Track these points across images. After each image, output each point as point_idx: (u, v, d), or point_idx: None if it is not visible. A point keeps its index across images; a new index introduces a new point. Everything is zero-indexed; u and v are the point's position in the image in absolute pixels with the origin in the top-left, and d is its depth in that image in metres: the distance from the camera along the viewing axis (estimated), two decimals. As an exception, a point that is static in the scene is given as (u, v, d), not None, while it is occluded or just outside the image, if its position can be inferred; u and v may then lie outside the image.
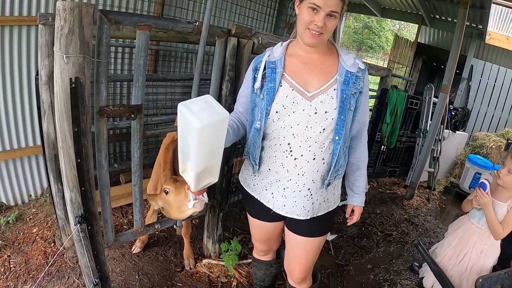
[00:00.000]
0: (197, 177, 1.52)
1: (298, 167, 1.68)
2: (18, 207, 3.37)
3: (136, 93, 1.82)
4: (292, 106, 1.63)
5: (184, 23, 1.93)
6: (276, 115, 1.66)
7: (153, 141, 4.17)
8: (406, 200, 5.04)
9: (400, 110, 4.97)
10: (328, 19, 1.53)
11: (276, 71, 1.67)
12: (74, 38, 1.47)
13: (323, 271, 3.10)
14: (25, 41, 3.06)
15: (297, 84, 1.65)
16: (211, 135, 1.39)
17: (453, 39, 4.53)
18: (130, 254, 2.89)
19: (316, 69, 1.68)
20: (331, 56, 1.72)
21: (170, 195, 1.96)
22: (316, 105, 1.62)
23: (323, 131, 1.63)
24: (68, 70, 1.50)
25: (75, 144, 1.60)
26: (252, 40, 2.30)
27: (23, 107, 3.23)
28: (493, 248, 2.51)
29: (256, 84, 1.70)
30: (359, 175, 1.93)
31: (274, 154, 1.71)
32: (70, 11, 1.44)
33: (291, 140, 1.66)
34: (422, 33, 8.22)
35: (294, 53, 1.72)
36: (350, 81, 1.63)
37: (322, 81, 1.65)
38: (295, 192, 1.72)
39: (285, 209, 1.76)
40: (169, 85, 4.27)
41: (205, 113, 1.35)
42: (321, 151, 1.66)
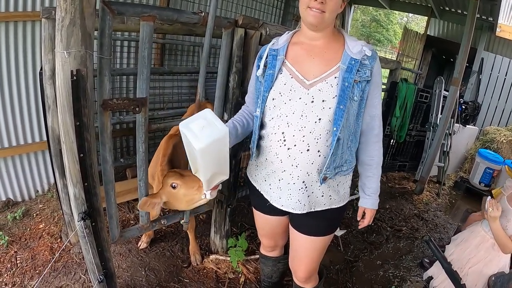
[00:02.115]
0: (208, 181, 1.64)
1: (292, 158, 1.62)
2: (25, 203, 3.38)
3: (140, 85, 1.78)
4: (289, 94, 1.60)
5: (189, 14, 1.89)
6: (272, 102, 1.63)
7: (159, 136, 4.09)
8: (415, 195, 4.98)
9: (410, 103, 4.92)
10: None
11: (277, 58, 1.65)
12: (76, 30, 1.43)
13: (332, 267, 3.06)
14: (30, 36, 3.06)
15: (296, 72, 1.61)
16: (214, 152, 1.47)
17: (464, 32, 4.46)
18: (137, 250, 2.88)
19: (318, 57, 1.62)
20: (337, 43, 1.64)
21: (180, 190, 1.92)
22: (314, 94, 1.57)
23: (318, 121, 1.56)
24: (69, 62, 1.46)
25: (78, 138, 1.56)
26: (260, 31, 2.26)
27: (29, 103, 3.23)
28: (494, 262, 2.42)
29: (258, 71, 1.70)
30: (371, 175, 1.80)
31: (270, 144, 1.67)
32: (71, 2, 1.39)
33: (285, 129, 1.61)
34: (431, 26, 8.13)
35: (298, 41, 1.68)
36: (354, 68, 1.55)
37: (323, 69, 1.59)
38: (290, 185, 1.66)
39: (280, 201, 1.72)
40: (175, 79, 4.24)
41: (204, 132, 1.42)
42: (317, 142, 1.58)
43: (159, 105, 4.16)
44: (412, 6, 7.68)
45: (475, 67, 6.94)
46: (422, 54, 8.22)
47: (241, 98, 2.29)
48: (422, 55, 8.23)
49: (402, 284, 3.04)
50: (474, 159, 5.60)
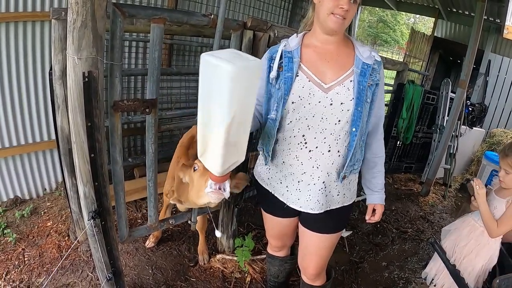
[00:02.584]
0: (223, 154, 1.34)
1: (313, 160, 1.66)
2: (33, 201, 3.41)
3: (151, 87, 1.80)
4: (308, 98, 1.61)
5: (199, 16, 1.91)
6: (292, 105, 1.64)
7: (167, 135, 4.17)
8: (421, 197, 4.97)
9: (417, 105, 4.91)
10: (351, 4, 1.52)
11: (293, 60, 1.65)
12: (87, 32, 1.44)
13: (338, 267, 3.07)
14: (39, 36, 3.08)
15: (313, 75, 1.63)
16: (243, 86, 1.21)
17: (471, 33, 4.45)
18: (144, 249, 2.89)
19: (332, 61, 1.66)
20: (347, 47, 1.70)
21: (196, 174, 1.78)
22: (332, 97, 1.60)
23: (338, 122, 1.62)
24: (81, 64, 1.47)
25: (89, 139, 1.58)
26: (268, 33, 2.27)
27: (37, 102, 3.26)
28: (485, 249, 2.40)
29: (272, 73, 1.67)
30: (377, 172, 1.88)
31: (289, 147, 1.70)
32: (83, 4, 1.40)
33: (305, 132, 1.65)
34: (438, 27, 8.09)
35: (310, 44, 1.70)
36: (367, 73, 1.62)
37: (338, 73, 1.64)
38: (310, 186, 1.70)
39: (299, 203, 1.75)
40: (183, 79, 4.26)
41: (237, 59, 1.19)
42: (336, 143, 1.65)
43: (167, 106, 4.18)
44: (419, 7, 7.66)
45: (482, 69, 6.91)
46: (429, 56, 8.20)
47: None
48: (429, 57, 8.20)
49: (407, 286, 3.05)
50: (480, 161, 5.57)
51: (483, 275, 2.43)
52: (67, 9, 1.46)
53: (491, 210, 2.33)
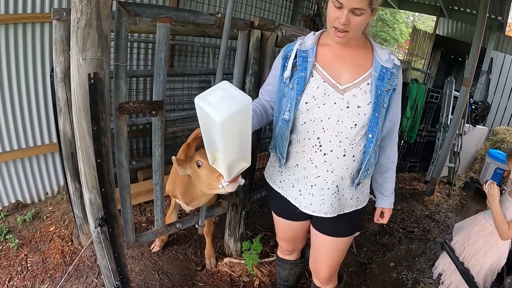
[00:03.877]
0: (229, 167, 1.49)
1: (328, 163, 1.61)
2: (35, 205, 3.36)
3: (157, 88, 1.75)
4: (323, 98, 1.56)
5: (206, 15, 1.86)
6: (305, 106, 1.58)
7: (170, 137, 4.13)
8: (426, 196, 4.97)
9: (421, 104, 4.89)
10: (352, 16, 1.44)
11: (308, 60, 1.60)
12: (92, 32, 1.39)
13: (346, 269, 3.04)
14: (39, 38, 3.04)
15: (328, 76, 1.58)
16: (236, 126, 1.32)
17: (475, 31, 4.45)
18: (150, 253, 2.86)
19: (349, 62, 1.60)
20: (365, 49, 1.64)
21: (203, 170, 1.83)
22: (349, 99, 1.55)
23: (354, 126, 1.56)
24: (86, 65, 1.42)
25: (95, 143, 1.53)
26: (276, 32, 2.23)
27: (38, 105, 3.22)
28: (493, 249, 2.40)
29: (286, 72, 1.63)
30: (389, 176, 1.85)
31: (303, 149, 1.65)
32: (87, 3, 1.35)
33: (320, 134, 1.59)
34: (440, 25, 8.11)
35: (326, 43, 1.65)
36: (385, 77, 1.56)
37: (355, 75, 1.58)
38: (323, 190, 1.66)
39: (312, 207, 1.71)
40: (186, 80, 4.23)
41: (224, 103, 1.26)
42: (352, 147, 1.59)
43: (170, 107, 4.14)
44: (421, 5, 7.68)
45: (484, 67, 6.92)
46: (431, 54, 8.19)
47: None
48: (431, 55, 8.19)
49: (416, 286, 3.04)
50: (484, 159, 5.58)
51: (491, 274, 2.44)
52: (69, 9, 1.42)
53: (503, 211, 2.32)
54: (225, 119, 1.24)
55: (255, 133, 1.90)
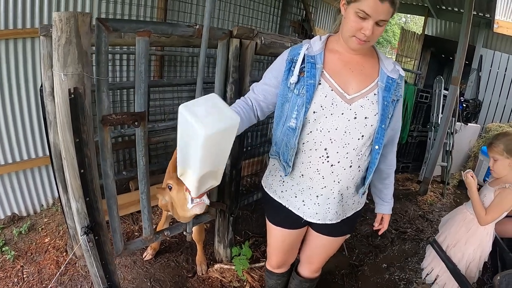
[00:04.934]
0: (198, 183, 1.45)
1: (335, 174, 1.60)
2: (30, 217, 3.40)
3: (138, 100, 1.80)
4: (330, 108, 1.53)
5: (184, 27, 1.91)
6: (313, 115, 1.55)
7: (162, 147, 4.17)
8: (420, 196, 4.98)
9: (410, 104, 4.95)
10: (376, 27, 1.43)
11: (316, 66, 1.55)
12: (72, 49, 1.45)
13: (337, 272, 3.07)
14: (30, 52, 3.09)
15: (336, 84, 1.55)
16: (217, 143, 1.28)
17: (461, 30, 4.48)
18: (142, 261, 2.88)
19: (356, 70, 1.58)
20: (372, 58, 1.63)
21: (173, 192, 1.90)
22: (356, 110, 1.54)
23: (361, 137, 1.56)
24: (67, 81, 1.48)
25: (78, 154, 1.58)
26: (255, 40, 2.27)
27: (31, 118, 3.27)
28: (475, 236, 2.46)
29: (292, 78, 1.57)
30: (389, 182, 1.88)
31: (309, 160, 1.62)
32: (66, 21, 1.41)
33: (328, 145, 1.57)
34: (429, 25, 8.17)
35: (334, 49, 1.62)
36: (392, 88, 1.56)
37: (362, 84, 1.57)
38: (329, 199, 1.66)
39: (317, 216, 1.71)
40: (175, 90, 4.26)
41: (211, 118, 1.21)
42: (358, 158, 1.59)
43: (160, 117, 4.18)
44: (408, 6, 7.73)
45: (474, 65, 6.96)
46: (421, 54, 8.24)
47: None
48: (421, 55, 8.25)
49: (408, 286, 3.05)
50: (477, 157, 5.60)
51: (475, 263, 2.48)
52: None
53: (481, 199, 2.40)
54: (210, 135, 1.19)
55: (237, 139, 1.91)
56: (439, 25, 8.05)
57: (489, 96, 7.00)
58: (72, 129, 1.54)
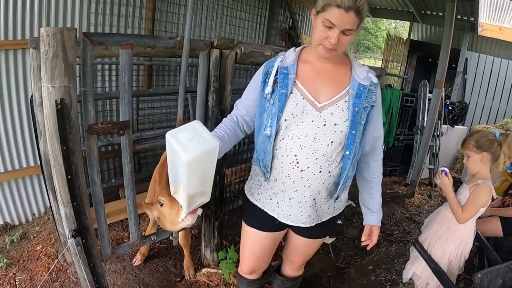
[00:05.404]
0: (189, 200, 1.56)
1: (305, 179, 1.65)
2: (22, 226, 3.45)
3: (123, 110, 1.88)
4: (301, 116, 1.60)
5: (165, 39, 1.99)
6: (285, 123, 1.61)
7: (150, 155, 4.21)
8: (407, 199, 5.03)
9: (396, 108, 5.02)
10: (342, 36, 1.49)
11: (289, 77, 1.62)
12: (59, 62, 1.53)
13: (323, 274, 3.11)
14: (21, 63, 3.15)
15: (307, 93, 1.61)
16: (201, 166, 1.40)
17: (444, 34, 4.59)
18: (131, 267, 2.92)
19: (328, 79, 1.64)
20: (344, 66, 1.68)
21: (165, 208, 1.95)
22: (326, 117, 1.59)
23: (331, 143, 1.60)
24: (54, 92, 1.56)
25: (65, 162, 1.66)
26: (235, 50, 2.34)
27: (22, 128, 3.32)
28: (455, 235, 2.51)
29: (267, 89, 1.64)
30: (375, 192, 1.88)
31: (281, 165, 1.67)
32: (53, 37, 1.50)
33: (298, 152, 1.62)
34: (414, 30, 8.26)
35: (306, 59, 1.69)
36: (363, 95, 1.59)
37: (333, 92, 1.62)
38: (301, 203, 1.71)
39: (290, 218, 1.76)
40: (163, 99, 4.30)
41: (193, 144, 1.34)
42: (328, 164, 1.63)
43: (149, 125, 4.22)
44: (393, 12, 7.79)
45: (460, 68, 7.07)
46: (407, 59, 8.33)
47: (221, 116, 2.36)
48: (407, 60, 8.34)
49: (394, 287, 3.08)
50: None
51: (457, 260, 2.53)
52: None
53: (458, 197, 2.47)
54: (192, 159, 1.32)
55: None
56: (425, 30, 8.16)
57: (475, 98, 7.11)
58: (60, 137, 1.62)
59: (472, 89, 7.14)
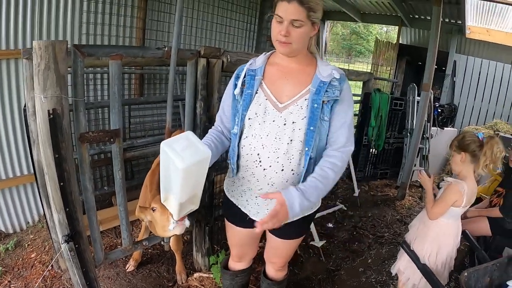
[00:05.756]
0: (179, 207, 1.64)
1: (268, 177, 1.70)
2: (17, 234, 3.48)
3: (113, 119, 1.94)
4: (263, 115, 1.67)
5: (153, 50, 2.05)
6: (248, 121, 1.69)
7: (143, 162, 4.22)
8: (398, 201, 5.06)
9: (385, 112, 5.09)
10: (292, 28, 1.55)
11: (255, 78, 1.72)
12: (51, 74, 1.60)
13: (314, 277, 3.13)
14: (14, 73, 3.20)
15: (271, 94, 1.69)
16: (194, 173, 1.48)
17: (430, 37, 4.65)
18: (124, 273, 2.95)
19: (292, 79, 1.70)
20: (309, 67, 1.73)
21: (156, 214, 2.01)
22: (286, 116, 1.64)
23: (290, 142, 1.64)
24: (47, 102, 1.63)
25: (57, 169, 1.72)
26: (221, 59, 2.41)
27: (15, 137, 3.36)
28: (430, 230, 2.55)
29: (236, 90, 1.74)
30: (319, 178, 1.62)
31: (246, 164, 1.74)
32: (45, 49, 1.57)
33: (260, 151, 1.68)
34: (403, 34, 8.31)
35: (274, 62, 1.76)
36: (322, 90, 1.62)
37: (295, 91, 1.68)
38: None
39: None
40: (155, 107, 4.36)
41: (187, 152, 1.42)
42: (290, 162, 1.67)
43: (140, 133, 4.26)
44: (382, 17, 7.83)
45: (448, 70, 7.14)
46: (397, 63, 8.41)
47: (208, 123, 2.42)
48: (396, 64, 8.41)
49: (385, 288, 3.10)
50: (455, 160, 5.72)
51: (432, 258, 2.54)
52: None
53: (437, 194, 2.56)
54: (187, 166, 1.40)
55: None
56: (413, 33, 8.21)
57: (464, 100, 7.17)
58: (52, 146, 1.68)
59: (461, 91, 7.21)
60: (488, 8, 6.50)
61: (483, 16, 6.82)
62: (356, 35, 23.72)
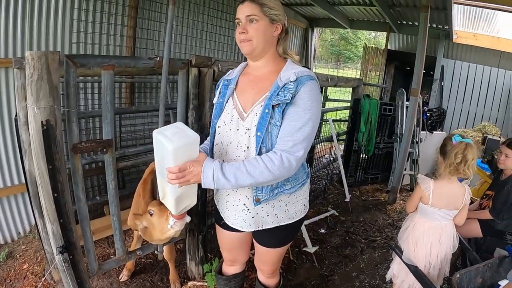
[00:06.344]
0: (177, 201, 1.65)
1: None
2: (8, 245, 3.45)
3: (105, 128, 1.94)
4: (230, 124, 1.71)
5: (145, 60, 2.06)
6: (218, 129, 1.76)
7: (134, 171, 4.22)
8: (389, 205, 5.10)
9: (374, 117, 5.13)
10: (249, 25, 1.63)
11: (229, 87, 1.78)
12: (44, 84, 1.61)
13: (308, 283, 3.14)
14: (4, 82, 3.19)
15: (239, 103, 1.72)
16: (184, 155, 1.51)
17: (418, 43, 4.72)
18: (118, 283, 2.93)
19: (256, 87, 1.71)
20: (274, 73, 1.69)
21: (154, 217, 2.03)
22: (246, 124, 1.66)
23: (247, 149, 1.66)
24: (40, 113, 1.63)
25: (51, 180, 1.72)
26: (212, 68, 2.43)
27: (6, 147, 3.34)
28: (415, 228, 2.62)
29: (214, 99, 1.83)
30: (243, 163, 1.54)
31: None
32: (38, 60, 1.58)
33: (224, 158, 1.72)
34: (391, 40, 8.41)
35: (247, 72, 1.82)
36: (273, 95, 1.58)
37: (255, 99, 1.67)
38: (234, 206, 1.79)
39: (230, 220, 1.86)
40: (146, 116, 4.36)
41: (177, 136, 1.49)
42: None
43: (131, 142, 4.26)
44: (370, 23, 7.94)
45: (436, 75, 7.24)
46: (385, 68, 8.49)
47: (200, 133, 2.40)
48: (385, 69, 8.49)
49: (378, 292, 3.11)
50: (445, 163, 5.78)
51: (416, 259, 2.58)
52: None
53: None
54: (176, 147, 1.45)
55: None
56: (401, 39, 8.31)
57: (452, 104, 7.28)
58: (46, 157, 1.68)
59: (449, 95, 7.31)
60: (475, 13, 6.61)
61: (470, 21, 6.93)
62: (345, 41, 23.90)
